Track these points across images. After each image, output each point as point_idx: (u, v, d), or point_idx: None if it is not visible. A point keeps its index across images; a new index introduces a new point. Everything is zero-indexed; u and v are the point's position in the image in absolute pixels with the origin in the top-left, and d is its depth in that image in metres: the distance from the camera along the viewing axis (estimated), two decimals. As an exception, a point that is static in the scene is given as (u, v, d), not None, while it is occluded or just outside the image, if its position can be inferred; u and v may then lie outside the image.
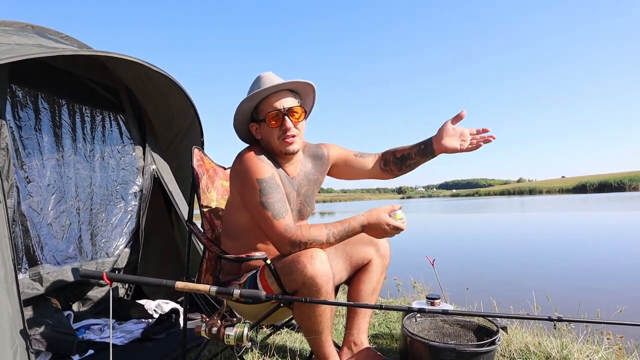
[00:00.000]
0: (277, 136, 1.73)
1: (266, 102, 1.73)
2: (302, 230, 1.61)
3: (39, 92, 2.55)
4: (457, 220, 22.17)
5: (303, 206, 1.92)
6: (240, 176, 1.71)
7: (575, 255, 8.69)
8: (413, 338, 1.76)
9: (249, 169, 1.67)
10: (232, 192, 1.83)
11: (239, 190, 1.74)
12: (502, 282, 6.33)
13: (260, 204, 1.63)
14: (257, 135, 1.81)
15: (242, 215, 1.79)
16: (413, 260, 4.02)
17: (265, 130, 1.76)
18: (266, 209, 1.63)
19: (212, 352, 2.28)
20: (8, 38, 2.27)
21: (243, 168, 1.69)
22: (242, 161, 1.70)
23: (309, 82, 1.78)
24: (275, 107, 1.71)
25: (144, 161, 3.18)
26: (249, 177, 1.66)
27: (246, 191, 1.68)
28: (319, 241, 1.61)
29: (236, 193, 1.78)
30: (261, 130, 1.78)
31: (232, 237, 1.87)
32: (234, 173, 1.75)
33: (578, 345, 2.21)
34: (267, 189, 1.65)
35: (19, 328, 1.64)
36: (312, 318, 1.64)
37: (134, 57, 2.55)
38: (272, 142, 1.76)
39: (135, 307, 2.93)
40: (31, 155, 2.46)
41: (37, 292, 2.38)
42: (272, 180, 1.68)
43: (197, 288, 1.49)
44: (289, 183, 1.82)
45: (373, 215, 1.67)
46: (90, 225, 2.83)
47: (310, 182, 1.94)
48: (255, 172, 1.66)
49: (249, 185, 1.66)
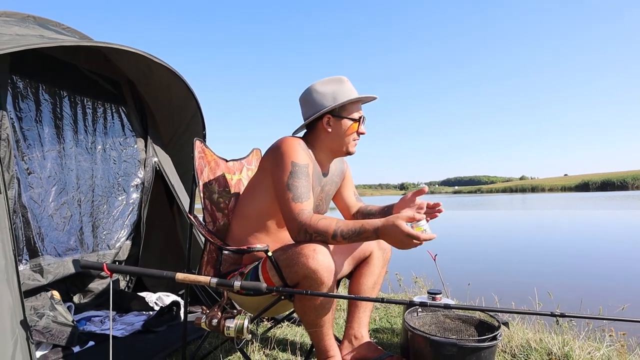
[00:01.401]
0: (352, 137, 1.86)
1: (354, 105, 1.87)
2: (312, 219, 1.61)
3: (40, 84, 2.54)
4: (458, 217, 22.14)
5: (321, 203, 1.98)
6: (276, 154, 1.74)
7: (577, 253, 8.67)
8: (414, 332, 1.75)
9: (287, 150, 1.72)
10: (258, 174, 1.87)
11: (271, 168, 1.76)
12: (503, 278, 6.32)
13: (286, 184, 1.67)
14: (326, 127, 1.85)
15: (264, 196, 1.82)
16: (414, 255, 4.02)
17: (340, 128, 1.85)
18: (289, 191, 1.66)
19: (212, 344, 2.28)
20: (9, 29, 2.26)
21: (283, 148, 1.73)
22: (284, 142, 1.76)
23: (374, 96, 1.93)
24: (359, 112, 1.88)
25: (145, 153, 3.17)
26: (285, 157, 1.71)
27: (277, 170, 1.71)
28: (324, 237, 1.59)
29: (264, 173, 1.81)
30: (335, 125, 1.85)
31: (246, 218, 1.89)
32: (271, 152, 1.78)
33: (580, 342, 2.21)
34: (297, 173, 1.69)
35: (19, 319, 1.64)
36: (314, 311, 1.63)
37: (135, 49, 2.53)
38: (343, 139, 1.86)
39: (136, 299, 2.93)
40: (32, 146, 2.45)
41: (37, 283, 2.38)
42: (305, 168, 1.72)
43: (197, 280, 1.48)
44: (318, 177, 1.87)
45: (390, 220, 1.56)
46: (91, 217, 2.82)
47: (333, 182, 2.03)
48: (292, 155, 1.71)
49: (281, 164, 1.70)
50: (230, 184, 2.17)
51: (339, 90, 1.84)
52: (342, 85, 1.86)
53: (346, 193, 2.18)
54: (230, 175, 2.19)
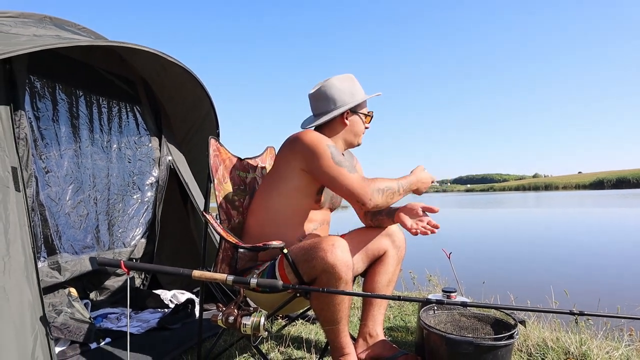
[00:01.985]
0: (362, 130, 2.04)
1: (364, 102, 2.05)
2: (377, 180, 1.77)
3: (57, 84, 2.57)
4: (471, 215, 21.99)
5: (335, 195, 2.02)
6: (309, 145, 1.79)
7: (593, 252, 8.55)
8: (430, 331, 1.74)
9: (319, 138, 1.81)
10: (273, 171, 1.95)
11: (307, 159, 1.80)
12: (518, 277, 6.26)
13: (335, 162, 1.76)
14: (345, 120, 1.98)
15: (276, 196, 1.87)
16: (427, 253, 3.99)
17: (357, 122, 2.01)
18: (341, 166, 1.75)
19: (227, 342, 2.29)
20: (27, 29, 2.28)
21: (313, 138, 1.80)
22: (309, 134, 1.83)
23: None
24: (368, 109, 2.08)
25: (160, 152, 3.20)
26: (321, 143, 1.78)
27: (317, 157, 1.77)
28: (393, 189, 1.78)
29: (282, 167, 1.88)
30: (353, 120, 2.00)
31: (259, 219, 1.91)
32: (300, 147, 1.82)
33: (597, 341, 2.18)
34: (336, 153, 1.79)
35: (39, 315, 1.66)
36: (331, 307, 1.64)
37: (149, 48, 2.55)
38: (356, 132, 2.02)
39: (152, 297, 2.95)
40: (49, 145, 2.48)
41: (55, 280, 2.41)
42: (337, 150, 1.81)
43: (214, 277, 1.49)
44: None
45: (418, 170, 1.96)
46: (107, 215, 2.85)
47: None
48: (323, 140, 1.80)
49: (321, 150, 1.77)
50: (245, 182, 2.18)
51: (355, 88, 2.00)
52: (355, 82, 2.02)
53: None
54: (245, 174, 2.20)
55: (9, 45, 1.78)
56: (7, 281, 1.59)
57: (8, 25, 2.21)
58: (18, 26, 2.26)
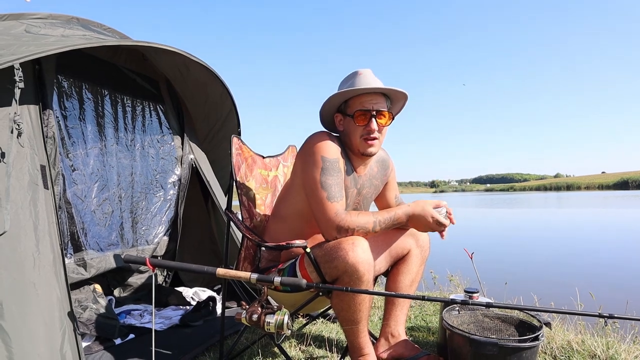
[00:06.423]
0: (359, 135, 1.74)
1: (357, 99, 1.74)
2: (351, 216, 1.62)
3: (83, 83, 2.62)
4: (492, 215, 21.71)
5: (359, 206, 1.94)
6: (306, 151, 1.72)
7: (619, 253, 8.35)
8: (453, 331, 1.72)
9: (316, 145, 1.69)
10: (293, 174, 1.85)
11: (302, 166, 1.74)
12: (541, 278, 6.14)
13: (319, 182, 1.65)
14: (339, 126, 1.82)
15: (298, 198, 1.80)
16: (448, 253, 3.95)
17: (350, 126, 1.76)
18: (323, 189, 1.64)
19: (249, 339, 2.30)
20: (55, 30, 2.33)
21: (312, 144, 1.71)
22: (313, 138, 1.73)
23: (405, 92, 1.77)
24: (365, 106, 1.72)
25: (182, 151, 3.24)
26: (315, 153, 1.68)
27: (308, 167, 1.69)
28: (366, 229, 1.63)
29: (298, 172, 1.78)
30: (345, 123, 1.79)
31: (281, 220, 1.89)
32: (301, 150, 1.76)
33: (625, 345, 2.13)
34: (329, 169, 1.66)
35: (66, 310, 1.70)
36: (352, 307, 1.63)
37: (172, 47, 2.57)
38: (353, 139, 1.76)
39: (174, 294, 2.99)
40: (76, 144, 2.53)
41: (81, 276, 2.46)
42: (335, 163, 1.69)
43: (238, 275, 1.50)
44: (353, 179, 1.83)
45: (419, 205, 1.70)
46: (131, 213, 2.90)
47: (372, 185, 1.96)
48: (321, 150, 1.68)
49: (312, 161, 1.67)
50: (267, 180, 2.19)
51: (346, 85, 1.77)
52: (348, 80, 1.78)
53: (388, 195, 2.11)
54: (267, 172, 2.21)
55: (39, 46, 1.82)
56: (37, 277, 1.63)
57: (37, 27, 2.26)
58: (47, 27, 2.32)
